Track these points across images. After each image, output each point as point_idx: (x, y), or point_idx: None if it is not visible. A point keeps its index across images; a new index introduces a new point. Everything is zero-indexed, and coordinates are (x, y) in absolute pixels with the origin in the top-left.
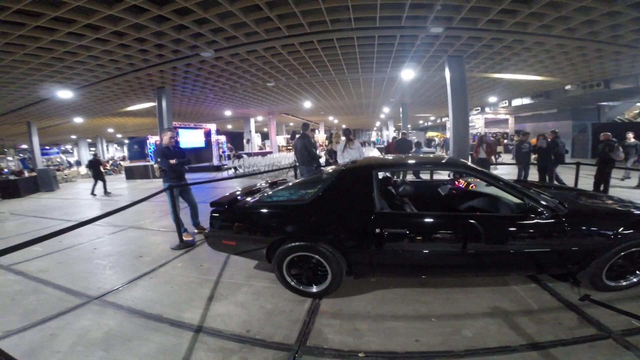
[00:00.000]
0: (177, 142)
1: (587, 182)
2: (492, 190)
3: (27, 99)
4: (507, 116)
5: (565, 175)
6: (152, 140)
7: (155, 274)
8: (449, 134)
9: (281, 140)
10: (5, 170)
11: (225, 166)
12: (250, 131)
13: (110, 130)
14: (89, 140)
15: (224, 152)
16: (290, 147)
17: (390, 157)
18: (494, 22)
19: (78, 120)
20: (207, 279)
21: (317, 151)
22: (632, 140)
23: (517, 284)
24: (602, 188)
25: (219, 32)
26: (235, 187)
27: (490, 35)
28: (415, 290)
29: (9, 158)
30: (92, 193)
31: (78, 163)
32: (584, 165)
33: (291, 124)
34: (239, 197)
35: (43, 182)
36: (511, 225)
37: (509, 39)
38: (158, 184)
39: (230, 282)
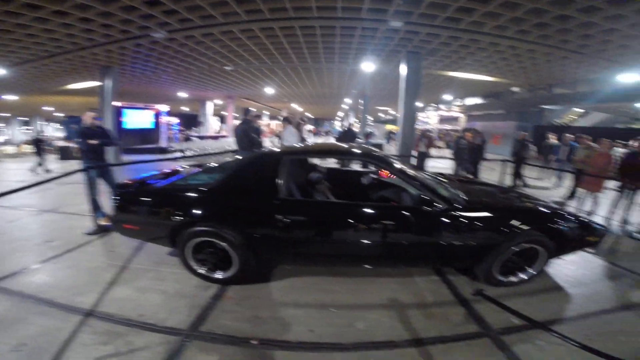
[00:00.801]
0: (101, 123)
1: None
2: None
3: None
4: (460, 114)
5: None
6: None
7: (61, 259)
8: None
9: None
10: None
11: (172, 148)
12: (204, 114)
13: (50, 108)
14: (26, 119)
15: (174, 134)
16: None
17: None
18: (452, 19)
19: (11, 97)
20: (113, 264)
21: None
22: (553, 140)
23: (421, 276)
24: (518, 183)
25: (172, 13)
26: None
27: (448, 33)
28: (325, 279)
29: None
30: (34, 170)
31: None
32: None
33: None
34: (148, 181)
35: None
36: (406, 216)
37: (465, 38)
38: None
39: (137, 267)
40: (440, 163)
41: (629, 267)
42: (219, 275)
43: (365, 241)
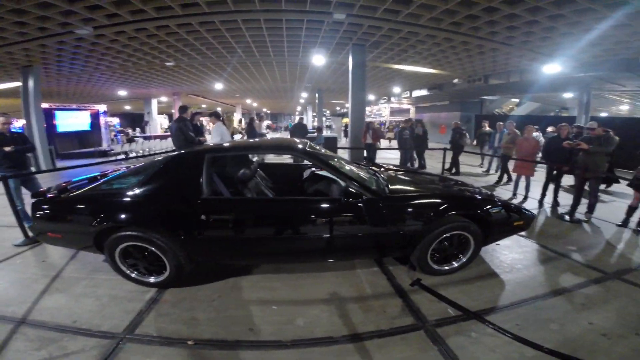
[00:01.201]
0: (11, 128)
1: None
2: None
3: None
4: (409, 106)
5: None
6: (17, 124)
7: None
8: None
9: None
10: None
11: (112, 151)
12: (149, 112)
13: None
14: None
15: (116, 135)
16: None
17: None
18: (390, 11)
19: None
20: (45, 275)
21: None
22: (487, 128)
23: (362, 268)
24: (454, 171)
25: (96, 9)
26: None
27: (388, 25)
28: (267, 277)
29: None
30: None
31: None
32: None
33: (203, 105)
34: (70, 186)
35: None
36: (332, 208)
37: (404, 30)
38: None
39: (70, 276)
40: (391, 154)
41: (559, 250)
42: (152, 279)
43: (296, 236)
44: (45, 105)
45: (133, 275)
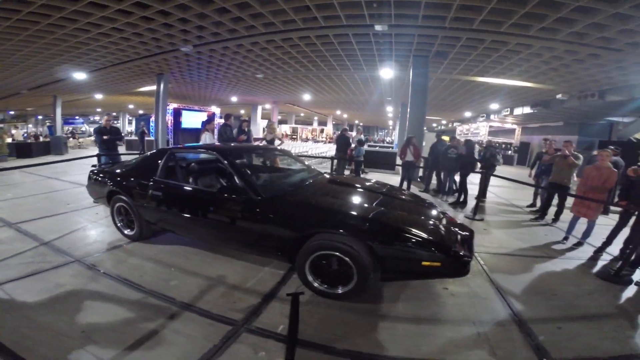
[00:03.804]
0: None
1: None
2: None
3: (49, 77)
4: (515, 126)
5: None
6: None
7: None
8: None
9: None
10: (24, 134)
11: None
12: (255, 118)
13: (131, 106)
14: (114, 114)
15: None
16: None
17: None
18: (459, 19)
19: (98, 96)
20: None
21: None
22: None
23: (272, 267)
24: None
25: (203, 29)
26: None
27: (453, 34)
28: (199, 251)
29: (30, 125)
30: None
31: None
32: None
33: (302, 114)
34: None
35: (55, 146)
36: (216, 199)
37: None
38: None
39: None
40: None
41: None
42: (127, 232)
43: (198, 219)
44: (175, 105)
45: (119, 225)
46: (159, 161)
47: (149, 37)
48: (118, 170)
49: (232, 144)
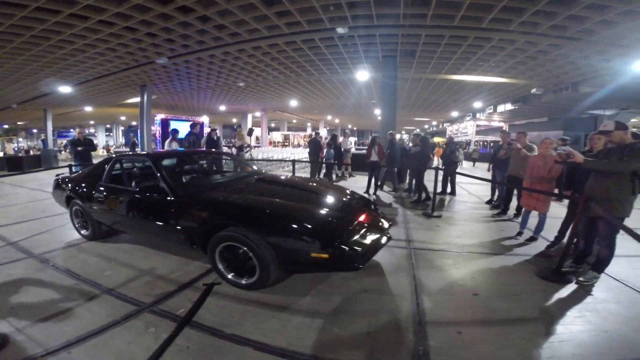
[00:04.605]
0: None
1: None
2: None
3: (36, 91)
4: (502, 124)
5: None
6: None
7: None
8: (398, 136)
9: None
10: (15, 148)
11: None
12: (245, 126)
13: (123, 117)
14: (107, 126)
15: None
16: (286, 143)
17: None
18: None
19: (88, 108)
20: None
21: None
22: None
23: (201, 260)
24: (449, 189)
25: (188, 38)
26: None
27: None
28: (138, 247)
29: (20, 139)
30: None
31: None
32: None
33: (294, 120)
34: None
35: (45, 160)
36: (141, 201)
37: (446, 35)
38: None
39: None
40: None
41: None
42: (83, 232)
43: (132, 218)
44: (162, 115)
45: (76, 226)
46: (105, 166)
47: (134, 48)
48: (74, 177)
49: (172, 150)
